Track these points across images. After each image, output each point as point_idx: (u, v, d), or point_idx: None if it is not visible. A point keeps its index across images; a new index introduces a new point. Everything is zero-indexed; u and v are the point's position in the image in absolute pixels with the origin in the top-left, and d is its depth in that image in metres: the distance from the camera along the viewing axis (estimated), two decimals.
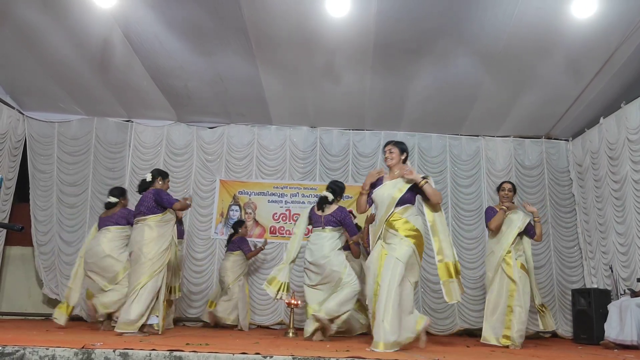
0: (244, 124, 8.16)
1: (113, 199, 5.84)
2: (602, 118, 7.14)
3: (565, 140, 8.23)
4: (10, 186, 7.54)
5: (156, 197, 5.01)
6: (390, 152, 4.45)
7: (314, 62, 6.53)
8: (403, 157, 4.48)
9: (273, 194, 8.00)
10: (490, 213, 5.58)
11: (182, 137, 8.12)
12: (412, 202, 4.27)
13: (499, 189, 5.68)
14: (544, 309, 5.57)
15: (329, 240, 5.15)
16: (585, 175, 7.66)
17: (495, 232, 5.47)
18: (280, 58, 6.48)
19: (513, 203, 5.63)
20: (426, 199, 4.29)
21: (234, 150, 8.10)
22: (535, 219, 5.53)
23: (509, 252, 5.34)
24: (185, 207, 5.22)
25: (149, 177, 5.28)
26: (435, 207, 4.36)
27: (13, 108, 7.57)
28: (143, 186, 5.26)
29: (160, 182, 5.29)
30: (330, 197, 5.32)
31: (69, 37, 6.14)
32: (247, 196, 7.98)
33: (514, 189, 5.65)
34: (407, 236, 4.06)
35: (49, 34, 6.08)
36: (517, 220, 5.43)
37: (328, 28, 5.85)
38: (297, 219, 7.86)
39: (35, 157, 7.83)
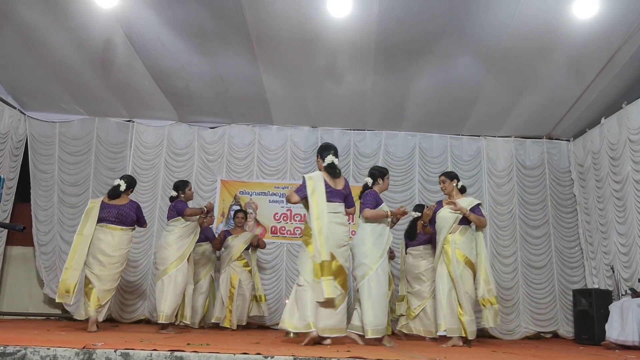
0: (245, 124, 8.16)
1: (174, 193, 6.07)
2: (603, 118, 7.14)
3: (566, 140, 8.22)
4: (12, 186, 7.54)
5: (137, 213, 5.71)
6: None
7: (315, 63, 6.53)
8: (319, 160, 4.70)
9: (274, 194, 8.00)
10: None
11: (183, 137, 8.12)
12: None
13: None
14: (486, 304, 5.17)
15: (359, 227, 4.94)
16: (586, 175, 7.65)
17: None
18: (282, 58, 6.48)
19: (461, 192, 5.45)
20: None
21: (235, 150, 8.10)
22: (467, 215, 5.17)
23: (447, 241, 5.16)
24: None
25: (122, 186, 5.64)
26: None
27: (14, 108, 7.57)
28: (115, 192, 5.63)
29: (130, 191, 5.81)
30: (370, 181, 5.04)
31: (71, 37, 6.15)
32: (248, 196, 7.98)
33: (449, 178, 5.44)
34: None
35: (50, 34, 6.08)
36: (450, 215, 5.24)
37: (329, 28, 5.85)
38: (298, 219, 7.91)
39: (37, 157, 7.84)
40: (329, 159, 4.55)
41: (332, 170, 4.53)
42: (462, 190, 5.49)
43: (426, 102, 7.31)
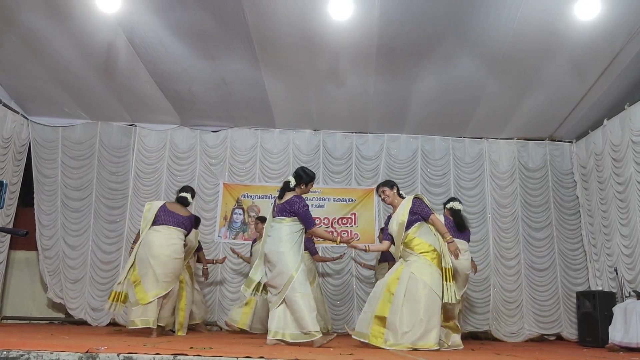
0: (248, 128, 8.17)
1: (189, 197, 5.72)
2: (605, 120, 7.13)
3: (569, 142, 8.21)
4: (15, 191, 7.54)
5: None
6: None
7: (317, 66, 6.54)
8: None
9: None
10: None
11: (186, 141, 8.13)
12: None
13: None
14: None
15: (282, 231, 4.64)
16: (589, 177, 7.64)
17: None
18: (284, 62, 6.49)
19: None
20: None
21: (238, 154, 8.11)
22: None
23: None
24: None
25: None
26: None
27: (17, 113, 7.58)
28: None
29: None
30: (293, 182, 4.74)
31: (73, 42, 6.16)
32: (250, 199, 7.98)
33: (387, 186, 5.00)
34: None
35: (53, 39, 6.10)
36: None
37: (331, 31, 5.86)
38: None
39: (40, 162, 7.85)
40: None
41: None
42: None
43: (428, 104, 7.31)
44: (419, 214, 4.73)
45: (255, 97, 7.24)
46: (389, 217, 5.05)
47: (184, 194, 5.62)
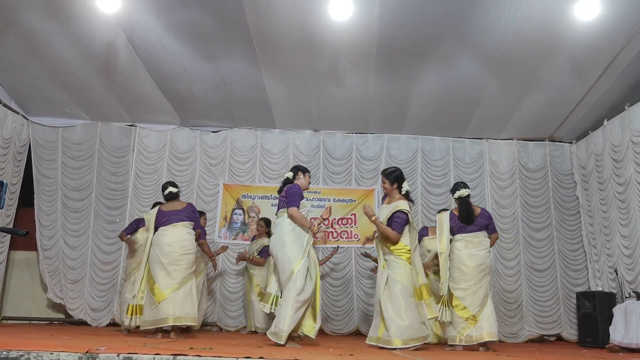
0: (248, 128, 8.16)
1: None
2: (605, 120, 7.13)
3: (569, 142, 8.21)
4: (15, 191, 7.53)
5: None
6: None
7: (317, 66, 6.54)
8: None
9: (276, 198, 7.88)
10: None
11: (186, 141, 8.12)
12: None
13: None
14: None
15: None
16: (589, 177, 7.63)
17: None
18: (284, 62, 6.49)
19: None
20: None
21: (238, 154, 8.10)
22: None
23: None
24: None
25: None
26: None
27: (17, 113, 7.58)
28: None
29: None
30: (290, 175, 5.02)
31: (73, 42, 6.16)
32: (250, 200, 7.98)
33: (388, 180, 4.98)
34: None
35: (53, 39, 6.10)
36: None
37: (331, 32, 5.86)
38: None
39: (40, 162, 7.85)
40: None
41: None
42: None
43: (428, 105, 7.31)
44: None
45: (255, 97, 7.23)
46: (384, 197, 5.12)
47: (165, 192, 5.59)
